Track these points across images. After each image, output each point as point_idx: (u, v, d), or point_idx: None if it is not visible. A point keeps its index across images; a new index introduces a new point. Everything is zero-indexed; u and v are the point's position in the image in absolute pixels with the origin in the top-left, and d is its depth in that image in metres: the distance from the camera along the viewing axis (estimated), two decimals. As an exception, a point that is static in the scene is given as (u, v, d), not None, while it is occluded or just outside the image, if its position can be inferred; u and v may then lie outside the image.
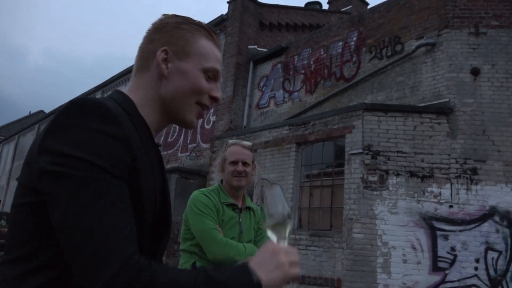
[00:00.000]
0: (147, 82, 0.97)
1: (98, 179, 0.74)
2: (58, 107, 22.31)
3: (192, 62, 0.97)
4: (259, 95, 11.36)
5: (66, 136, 0.76)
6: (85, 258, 0.70)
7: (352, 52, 9.33)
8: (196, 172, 10.72)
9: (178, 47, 0.97)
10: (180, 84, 0.96)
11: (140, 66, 0.99)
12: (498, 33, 7.39)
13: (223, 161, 2.41)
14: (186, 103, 0.98)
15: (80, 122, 0.78)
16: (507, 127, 6.89)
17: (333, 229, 7.33)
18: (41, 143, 0.78)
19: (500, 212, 6.50)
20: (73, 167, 0.74)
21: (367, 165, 6.97)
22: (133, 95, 0.96)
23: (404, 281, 6.39)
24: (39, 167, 0.76)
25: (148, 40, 0.99)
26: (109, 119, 0.80)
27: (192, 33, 0.99)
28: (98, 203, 0.73)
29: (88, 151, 0.75)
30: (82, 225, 0.71)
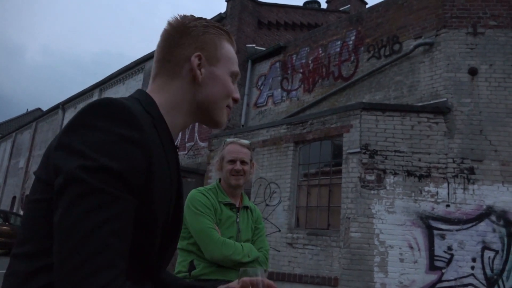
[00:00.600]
0: (177, 86, 0.98)
1: (103, 187, 0.73)
2: (55, 105, 22.26)
3: (222, 67, 1.01)
4: (257, 93, 11.36)
5: (84, 135, 0.76)
6: (69, 271, 0.69)
7: (350, 51, 9.34)
8: (194, 171, 10.72)
9: (210, 52, 1.00)
10: (215, 89, 0.99)
11: (165, 69, 0.99)
12: (496, 33, 7.41)
13: (221, 159, 2.41)
14: (220, 106, 1.01)
15: (101, 123, 0.77)
16: (504, 127, 6.91)
17: (330, 228, 7.34)
18: (60, 139, 0.78)
19: (497, 212, 6.52)
20: (85, 169, 0.73)
21: (365, 164, 6.98)
22: (158, 97, 0.95)
23: (401, 280, 6.41)
24: (55, 163, 0.76)
25: (175, 44, 0.99)
26: (131, 122, 0.79)
27: (218, 38, 1.02)
28: (97, 215, 0.71)
29: (103, 153, 0.74)
30: (74, 235, 0.70)
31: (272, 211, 8.07)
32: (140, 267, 0.86)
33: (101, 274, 0.69)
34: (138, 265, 0.85)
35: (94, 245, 0.70)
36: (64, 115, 21.29)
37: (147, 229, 0.84)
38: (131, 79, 16.90)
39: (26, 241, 0.79)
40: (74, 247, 0.69)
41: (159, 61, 1.00)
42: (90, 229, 0.70)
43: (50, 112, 23.07)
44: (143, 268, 0.87)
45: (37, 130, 23.73)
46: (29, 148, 23.48)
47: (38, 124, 23.96)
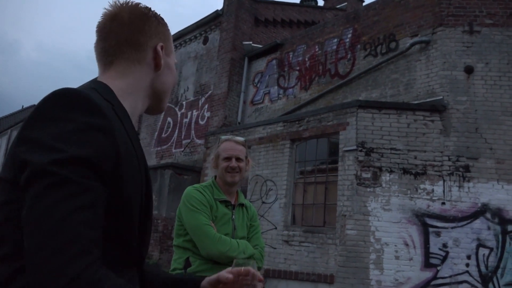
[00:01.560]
0: (140, 72, 1.01)
1: (73, 178, 0.72)
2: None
3: (172, 58, 1.09)
4: (253, 91, 11.35)
5: (47, 127, 0.75)
6: (42, 262, 0.68)
7: (347, 49, 9.34)
8: (190, 168, 10.71)
9: (168, 43, 1.07)
10: (169, 78, 1.07)
11: (132, 56, 0.99)
12: (492, 32, 7.43)
13: (217, 157, 2.41)
14: (168, 95, 1.10)
15: (63, 113, 0.76)
16: (500, 125, 6.94)
17: (326, 226, 7.36)
18: (21, 133, 0.76)
19: (492, 209, 6.56)
20: (52, 161, 0.72)
21: (361, 162, 7.00)
22: (116, 83, 0.96)
23: (396, 277, 6.44)
24: (17, 159, 0.75)
25: (139, 30, 0.99)
26: (93, 110, 0.79)
27: (168, 31, 1.09)
28: (67, 205, 0.70)
29: (70, 143, 0.73)
30: (45, 225, 0.69)
31: (268, 209, 8.08)
32: (122, 255, 0.86)
33: (75, 262, 0.68)
34: (120, 253, 0.85)
35: (66, 234, 0.69)
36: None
37: (124, 214, 0.84)
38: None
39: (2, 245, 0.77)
40: (45, 238, 0.68)
41: (119, 44, 0.98)
42: (60, 218, 0.69)
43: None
44: (125, 256, 0.87)
45: (33, 127, 23.63)
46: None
47: (33, 121, 23.84)
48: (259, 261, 2.34)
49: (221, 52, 11.87)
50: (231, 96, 11.34)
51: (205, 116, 11.87)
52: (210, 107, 11.67)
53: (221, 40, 12.04)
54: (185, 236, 2.24)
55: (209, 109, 11.72)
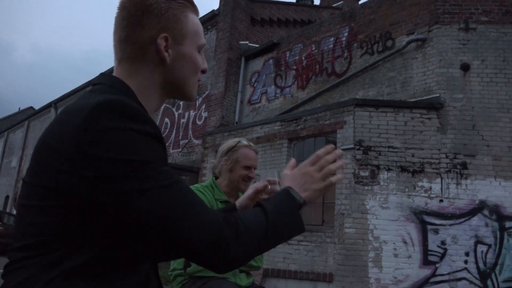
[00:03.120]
0: (146, 70, 0.94)
1: (158, 170, 0.79)
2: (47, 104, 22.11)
3: (189, 44, 0.97)
4: (250, 91, 11.35)
5: (108, 141, 0.75)
6: (191, 232, 0.79)
7: (343, 47, 9.35)
8: (188, 168, 10.70)
9: (176, 31, 0.94)
10: (184, 68, 0.97)
11: (133, 53, 0.94)
12: (487, 29, 7.45)
13: (235, 162, 2.33)
14: (191, 83, 1.00)
15: (116, 125, 0.77)
16: (496, 122, 6.97)
17: (325, 224, 7.37)
18: (77, 149, 0.75)
19: (490, 206, 6.58)
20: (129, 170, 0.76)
21: (359, 160, 7.01)
22: (129, 82, 0.93)
23: (395, 275, 6.45)
24: (84, 174, 0.75)
25: (138, 25, 0.92)
26: (141, 118, 0.81)
27: (182, 12, 0.96)
28: (173, 187, 0.80)
29: (133, 152, 0.77)
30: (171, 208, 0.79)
31: (267, 208, 8.08)
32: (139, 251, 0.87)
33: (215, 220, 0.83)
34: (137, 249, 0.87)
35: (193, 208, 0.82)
36: (56, 114, 21.14)
37: None
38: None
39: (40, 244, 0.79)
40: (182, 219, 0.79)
41: (121, 41, 0.94)
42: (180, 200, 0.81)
43: (42, 111, 22.91)
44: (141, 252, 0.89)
45: (30, 128, 23.56)
46: (22, 147, 23.31)
47: (30, 123, 23.78)
48: (259, 261, 2.33)
49: (218, 52, 11.86)
50: (228, 96, 11.34)
51: (203, 116, 11.87)
52: (207, 107, 11.66)
53: (218, 40, 12.03)
54: None
55: (206, 109, 11.72)
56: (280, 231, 0.93)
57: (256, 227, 0.88)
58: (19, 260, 0.80)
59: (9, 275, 0.80)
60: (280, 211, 0.94)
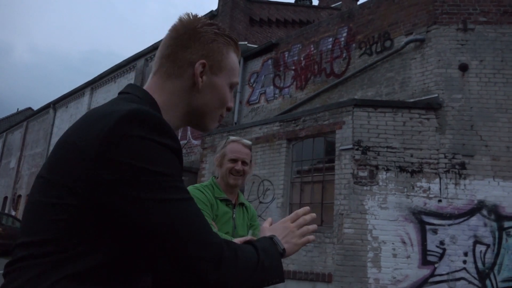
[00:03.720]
0: (177, 89, 0.98)
1: (173, 183, 0.82)
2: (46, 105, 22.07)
3: (223, 77, 1.01)
4: (249, 91, 11.35)
5: (131, 148, 0.78)
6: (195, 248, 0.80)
7: (342, 48, 9.36)
8: (186, 169, 10.70)
9: (215, 61, 1.00)
10: (211, 98, 1.01)
11: (168, 68, 0.99)
12: (485, 29, 7.47)
13: (222, 156, 2.40)
14: (214, 115, 1.04)
15: (137, 133, 0.79)
16: (495, 122, 6.98)
17: (324, 225, 7.37)
18: (99, 152, 0.78)
19: (488, 206, 6.59)
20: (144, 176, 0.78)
21: (357, 161, 7.01)
22: (157, 97, 0.96)
23: (394, 275, 6.46)
24: (102, 177, 0.77)
25: (182, 46, 0.98)
26: (163, 130, 0.83)
27: (226, 47, 1.02)
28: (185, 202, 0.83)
29: (151, 161, 0.79)
30: (180, 222, 0.80)
31: (266, 208, 8.09)
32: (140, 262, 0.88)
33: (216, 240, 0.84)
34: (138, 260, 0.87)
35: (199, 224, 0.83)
36: (55, 115, 21.13)
37: None
38: (122, 78, 16.80)
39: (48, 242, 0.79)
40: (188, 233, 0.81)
41: (163, 57, 1.00)
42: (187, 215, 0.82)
43: (41, 112, 22.88)
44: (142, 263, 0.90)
45: (28, 129, 23.52)
46: (20, 148, 23.28)
47: (29, 124, 23.75)
48: None
49: (217, 52, 11.85)
50: (227, 96, 11.33)
51: (201, 116, 11.85)
52: (206, 108, 11.66)
53: (216, 41, 12.02)
54: None
55: (205, 110, 11.71)
56: (266, 271, 0.93)
57: (250, 259, 0.90)
58: (23, 259, 0.80)
59: (12, 274, 0.79)
60: (267, 253, 0.96)
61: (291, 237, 1.08)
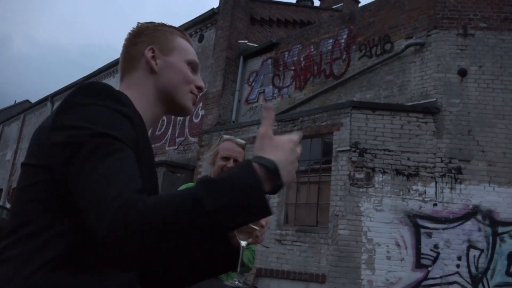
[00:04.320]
0: (139, 79, 1.06)
1: (111, 142, 0.79)
2: (44, 97, 22.00)
3: (176, 56, 1.08)
4: (248, 90, 11.35)
5: (78, 113, 0.82)
6: (93, 205, 0.72)
7: (342, 49, 9.37)
8: (183, 166, 10.69)
9: (162, 44, 1.07)
10: (171, 76, 1.06)
11: (127, 68, 1.08)
12: (485, 35, 7.49)
13: (215, 154, 2.43)
14: (181, 91, 1.07)
15: (88, 100, 0.84)
16: (492, 128, 7.00)
17: (319, 225, 7.39)
18: (54, 121, 0.83)
19: (483, 211, 6.62)
20: (87, 136, 0.78)
21: (354, 163, 7.03)
22: (128, 93, 1.01)
23: (387, 277, 6.48)
24: (52, 142, 0.80)
25: (131, 44, 1.08)
26: (116, 98, 0.88)
27: (170, 33, 1.10)
28: (109, 158, 0.77)
29: (100, 123, 0.80)
30: (92, 177, 0.75)
31: (262, 208, 8.08)
32: None
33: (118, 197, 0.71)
34: None
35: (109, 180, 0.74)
36: (52, 108, 21.06)
37: None
38: (121, 73, 16.75)
39: (19, 227, 0.82)
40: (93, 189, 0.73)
41: (122, 62, 1.10)
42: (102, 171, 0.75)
43: (38, 104, 22.79)
44: None
45: (25, 122, 23.43)
46: (17, 140, 23.18)
47: (26, 116, 23.65)
48: (250, 263, 2.33)
49: (217, 50, 11.85)
50: (225, 94, 11.33)
51: (200, 114, 11.85)
52: (204, 105, 11.65)
53: (217, 39, 12.02)
54: None
55: (203, 107, 11.71)
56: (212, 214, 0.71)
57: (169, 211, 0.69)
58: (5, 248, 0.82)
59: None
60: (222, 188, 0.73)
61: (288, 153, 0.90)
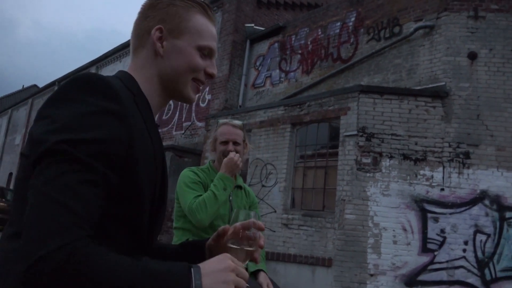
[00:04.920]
0: (145, 60, 0.98)
1: (78, 156, 0.74)
2: (51, 82, 22.08)
3: (187, 40, 0.97)
4: (255, 74, 11.29)
5: (64, 108, 0.78)
6: (33, 229, 0.69)
7: (350, 33, 9.25)
8: (190, 151, 10.73)
9: (173, 25, 0.97)
10: (176, 63, 0.97)
11: (136, 44, 1.00)
12: (497, 17, 7.34)
13: (214, 141, 2.44)
14: (183, 80, 0.98)
15: (81, 96, 0.79)
16: (501, 112, 6.92)
17: (325, 210, 7.41)
18: (40, 111, 0.81)
19: (491, 196, 6.58)
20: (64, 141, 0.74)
21: (361, 147, 7.00)
22: (134, 74, 0.96)
23: (393, 261, 6.51)
24: (35, 135, 0.78)
25: (142, 17, 0.98)
26: (110, 95, 0.81)
27: (186, 10, 0.98)
28: (67, 179, 0.72)
29: (83, 125, 0.76)
30: (42, 196, 0.71)
31: (268, 192, 8.12)
32: (131, 241, 0.87)
33: (65, 232, 0.69)
34: (128, 239, 0.86)
35: (61, 205, 0.70)
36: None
37: (134, 201, 0.84)
38: (128, 57, 16.73)
39: (16, 221, 0.79)
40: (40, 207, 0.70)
41: (132, 37, 1.01)
42: (58, 190, 0.71)
43: (46, 89, 22.89)
44: (133, 243, 0.88)
45: (34, 106, 23.58)
46: (26, 125, 23.37)
47: (34, 101, 23.80)
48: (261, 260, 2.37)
49: (223, 34, 11.75)
50: (232, 79, 11.28)
51: (206, 98, 11.83)
52: (211, 90, 11.62)
53: (223, 22, 11.91)
54: (185, 217, 2.26)
55: (210, 92, 11.68)
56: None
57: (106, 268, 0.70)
58: None
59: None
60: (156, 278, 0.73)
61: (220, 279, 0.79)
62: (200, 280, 0.76)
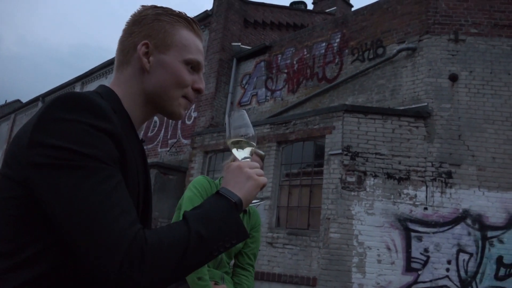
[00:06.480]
0: (130, 77, 0.96)
1: (90, 165, 0.75)
2: (35, 97, 21.81)
3: (173, 55, 0.96)
4: (241, 92, 11.36)
5: (55, 129, 0.76)
6: (93, 247, 0.71)
7: (335, 53, 9.41)
8: (175, 168, 10.65)
9: (158, 40, 0.95)
10: (163, 78, 0.95)
11: (121, 60, 0.98)
12: (476, 41, 7.57)
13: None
14: (172, 96, 0.97)
15: (68, 116, 0.77)
16: (482, 133, 7.07)
17: (310, 228, 7.40)
18: (30, 137, 0.77)
19: (473, 216, 6.67)
20: (65, 158, 0.74)
21: (346, 166, 7.05)
22: (117, 90, 0.95)
23: (378, 280, 6.50)
24: (30, 161, 0.76)
25: (127, 33, 0.97)
26: (98, 113, 0.79)
27: (172, 25, 0.97)
28: (97, 184, 0.74)
29: (77, 143, 0.75)
30: (81, 213, 0.72)
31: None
32: None
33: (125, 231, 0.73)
34: None
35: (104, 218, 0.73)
36: (44, 108, 20.85)
37: None
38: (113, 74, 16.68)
39: (2, 241, 0.78)
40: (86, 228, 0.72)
41: (117, 53, 1.00)
42: (92, 205, 0.73)
43: (29, 104, 22.60)
44: None
45: (16, 122, 23.21)
46: (7, 140, 22.94)
47: (17, 116, 23.43)
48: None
49: (210, 52, 11.84)
50: (218, 96, 11.32)
51: (192, 116, 11.83)
52: (197, 107, 11.63)
53: (210, 41, 12.01)
54: None
55: (196, 109, 11.68)
56: (207, 242, 0.80)
57: (174, 242, 0.77)
58: None
59: None
60: (206, 218, 0.82)
61: (245, 180, 0.93)
62: (233, 194, 0.89)
